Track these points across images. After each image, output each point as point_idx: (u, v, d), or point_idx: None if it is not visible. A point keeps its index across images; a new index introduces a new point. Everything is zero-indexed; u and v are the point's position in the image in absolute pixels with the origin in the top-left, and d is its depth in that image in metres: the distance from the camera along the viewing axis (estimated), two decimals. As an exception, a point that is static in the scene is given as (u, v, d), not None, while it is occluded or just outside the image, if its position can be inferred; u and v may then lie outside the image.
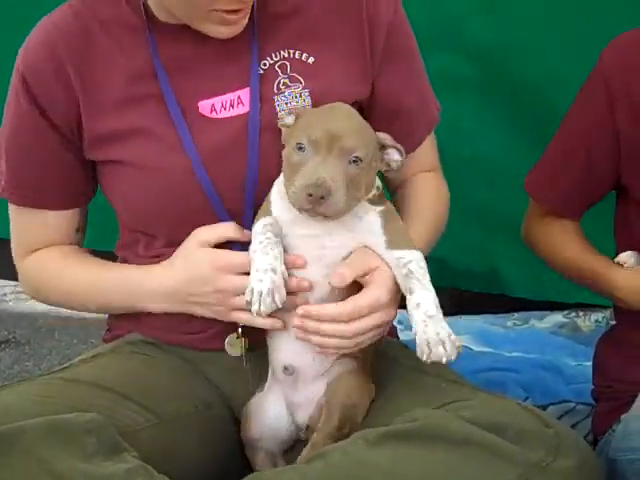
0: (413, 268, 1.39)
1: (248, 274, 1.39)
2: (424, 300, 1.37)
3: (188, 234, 1.50)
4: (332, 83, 1.51)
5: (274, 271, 1.37)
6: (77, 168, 1.56)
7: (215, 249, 1.47)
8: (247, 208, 1.49)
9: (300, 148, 1.36)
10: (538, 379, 2.09)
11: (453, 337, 1.36)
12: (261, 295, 1.36)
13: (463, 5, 2.32)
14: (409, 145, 1.55)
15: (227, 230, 1.48)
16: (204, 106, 1.50)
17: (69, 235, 1.62)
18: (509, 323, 2.50)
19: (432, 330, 1.35)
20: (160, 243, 1.55)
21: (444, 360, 1.34)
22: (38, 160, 1.55)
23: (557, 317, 2.52)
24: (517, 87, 2.34)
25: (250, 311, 1.37)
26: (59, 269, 1.59)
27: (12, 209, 1.62)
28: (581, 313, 2.50)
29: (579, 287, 2.20)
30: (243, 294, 1.39)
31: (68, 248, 1.62)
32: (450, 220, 1.76)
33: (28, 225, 1.61)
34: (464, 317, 2.46)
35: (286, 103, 1.49)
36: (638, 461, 1.30)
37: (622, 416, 1.43)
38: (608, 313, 2.41)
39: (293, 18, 1.53)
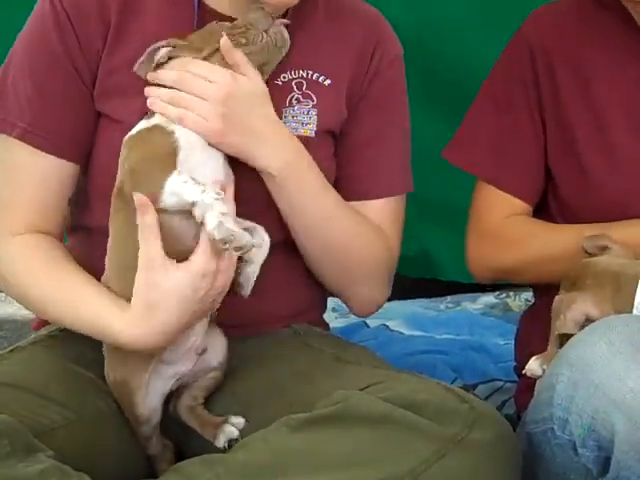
0: None
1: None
2: None
3: None
4: (338, 105, 1.56)
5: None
6: (85, 114, 1.51)
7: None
8: None
9: None
10: (467, 360, 2.12)
11: None
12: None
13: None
14: (362, 190, 1.58)
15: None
16: None
17: (60, 200, 1.52)
18: (442, 306, 2.54)
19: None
20: None
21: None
22: (53, 98, 1.49)
23: (489, 298, 2.55)
24: (437, 68, 2.36)
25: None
26: (46, 269, 1.49)
27: (7, 153, 1.51)
28: (511, 293, 2.54)
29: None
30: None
31: (58, 246, 1.52)
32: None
33: (23, 173, 1.50)
34: (397, 302, 2.48)
35: (293, 116, 1.54)
36: (549, 430, 1.32)
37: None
38: (537, 292, 2.45)
39: (321, 41, 1.56)
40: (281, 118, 1.51)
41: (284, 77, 1.55)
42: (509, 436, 1.34)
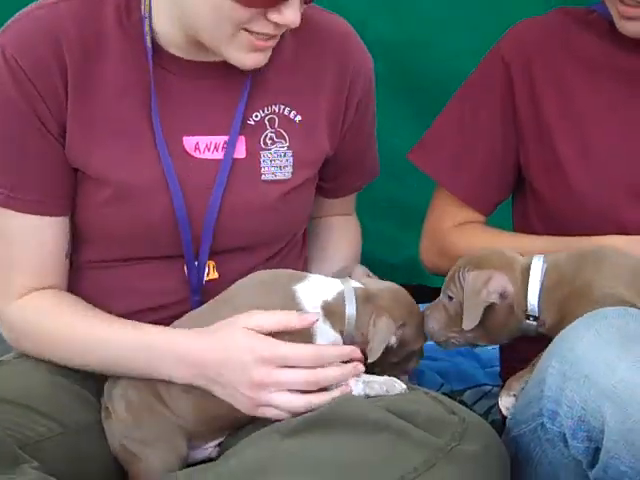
0: None
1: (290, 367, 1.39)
2: None
3: (145, 253, 1.50)
4: (313, 144, 1.57)
5: None
6: (61, 168, 1.49)
7: (261, 336, 1.40)
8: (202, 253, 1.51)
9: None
10: (455, 365, 2.12)
11: None
12: None
13: (365, 4, 2.34)
14: (349, 190, 1.73)
15: (289, 320, 1.42)
16: (188, 142, 1.50)
17: (59, 252, 1.52)
18: (429, 312, 2.52)
19: None
20: (112, 257, 1.53)
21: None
22: (27, 159, 1.48)
23: (476, 303, 2.53)
24: (422, 84, 2.36)
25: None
26: (63, 324, 1.50)
27: None
28: (499, 298, 2.52)
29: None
30: (280, 391, 1.39)
31: (65, 296, 1.52)
32: (361, 214, 1.81)
33: (14, 238, 1.50)
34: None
35: (271, 160, 1.53)
36: (539, 426, 1.32)
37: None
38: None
39: (289, 74, 1.55)
40: (259, 162, 1.52)
41: (256, 115, 1.53)
42: (498, 447, 1.35)
